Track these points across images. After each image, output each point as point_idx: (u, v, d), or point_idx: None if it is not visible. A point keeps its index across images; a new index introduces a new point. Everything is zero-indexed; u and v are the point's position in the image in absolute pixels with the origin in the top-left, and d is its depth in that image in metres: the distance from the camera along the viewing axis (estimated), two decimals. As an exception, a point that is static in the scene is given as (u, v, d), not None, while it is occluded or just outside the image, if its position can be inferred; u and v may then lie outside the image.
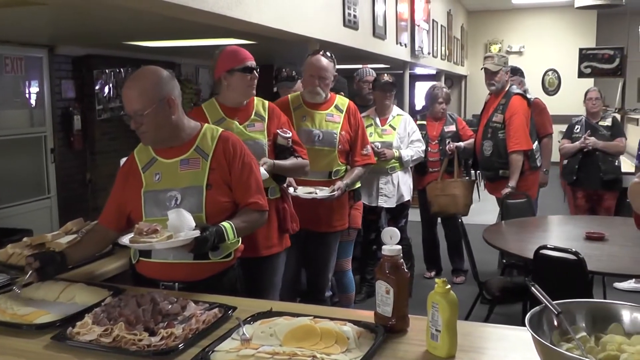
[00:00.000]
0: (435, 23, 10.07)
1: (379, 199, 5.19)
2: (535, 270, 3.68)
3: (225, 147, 2.59)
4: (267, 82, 11.34)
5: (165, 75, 2.52)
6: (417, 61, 8.65)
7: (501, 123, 5.41)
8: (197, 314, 2.05)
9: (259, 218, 2.65)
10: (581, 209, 6.14)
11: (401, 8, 7.64)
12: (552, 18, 14.17)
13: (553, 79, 14.34)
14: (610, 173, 5.90)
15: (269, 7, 4.39)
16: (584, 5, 8.94)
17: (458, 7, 13.18)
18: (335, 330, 1.86)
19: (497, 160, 5.45)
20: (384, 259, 1.94)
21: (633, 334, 1.71)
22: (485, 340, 1.97)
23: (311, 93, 3.84)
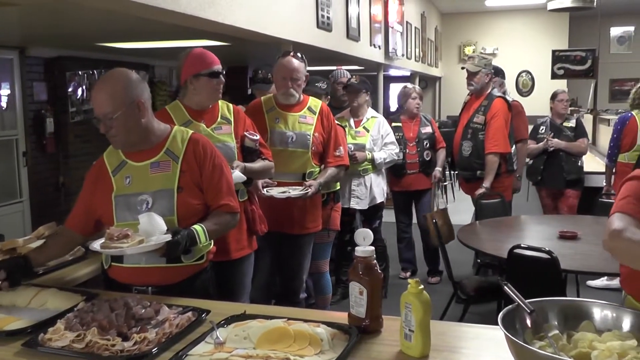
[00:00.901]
0: (409, 25, 10.11)
1: (351, 201, 5.20)
2: (509, 269, 3.72)
3: (195, 149, 2.58)
4: (241, 83, 11.38)
5: (134, 77, 2.49)
6: (391, 63, 8.68)
7: (482, 124, 5.46)
8: (171, 318, 2.04)
9: (230, 220, 2.64)
10: (548, 207, 6.27)
11: (375, 10, 7.65)
12: (525, 20, 14.31)
13: (527, 80, 14.47)
14: (573, 173, 6.06)
15: (242, 8, 4.38)
16: (557, 8, 9.04)
17: (432, 10, 13.25)
18: (308, 332, 1.86)
19: (476, 161, 5.50)
20: (357, 260, 1.95)
21: (604, 331, 1.74)
22: (459, 340, 1.98)
23: (285, 95, 3.83)
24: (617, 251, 1.98)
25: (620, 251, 1.97)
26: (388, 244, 5.78)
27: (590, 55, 10.65)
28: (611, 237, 1.96)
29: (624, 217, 1.99)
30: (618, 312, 1.80)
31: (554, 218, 5.42)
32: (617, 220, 1.99)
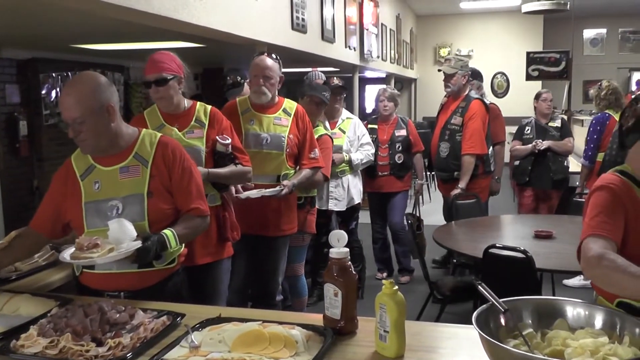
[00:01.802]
0: (384, 27, 10.14)
1: (329, 202, 5.20)
2: (484, 269, 3.74)
3: (164, 153, 2.56)
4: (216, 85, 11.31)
5: (103, 81, 2.46)
6: (366, 64, 8.70)
7: (459, 126, 5.50)
8: (146, 322, 2.03)
9: (201, 223, 2.63)
10: (527, 207, 6.30)
11: (350, 12, 7.67)
12: (500, 22, 14.43)
13: (502, 81, 14.58)
14: (560, 173, 6.09)
15: (215, 10, 4.37)
16: (531, 10, 9.14)
17: (407, 12, 13.30)
18: (283, 334, 1.86)
19: (453, 162, 5.54)
20: (332, 261, 1.96)
21: (577, 328, 1.77)
22: (434, 340, 1.99)
23: (256, 93, 3.81)
24: (598, 279, 1.97)
25: (601, 280, 1.96)
26: (364, 245, 5.79)
27: (564, 57, 10.76)
28: (590, 265, 1.95)
29: (599, 240, 1.98)
30: (590, 310, 1.83)
31: (530, 218, 5.46)
32: (592, 245, 1.97)
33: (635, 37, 15.60)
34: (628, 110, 2.20)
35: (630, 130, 2.16)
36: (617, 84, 5.86)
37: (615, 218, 2.03)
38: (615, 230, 2.01)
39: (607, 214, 2.04)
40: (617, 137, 2.29)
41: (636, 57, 15.53)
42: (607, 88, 5.79)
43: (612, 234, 2.00)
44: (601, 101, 5.77)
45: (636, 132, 2.14)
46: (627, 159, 2.22)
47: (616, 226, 2.02)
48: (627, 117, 2.19)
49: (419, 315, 4.60)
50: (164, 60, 3.17)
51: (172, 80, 3.16)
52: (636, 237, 2.04)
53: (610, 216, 2.03)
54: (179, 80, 3.22)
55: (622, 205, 2.06)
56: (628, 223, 2.05)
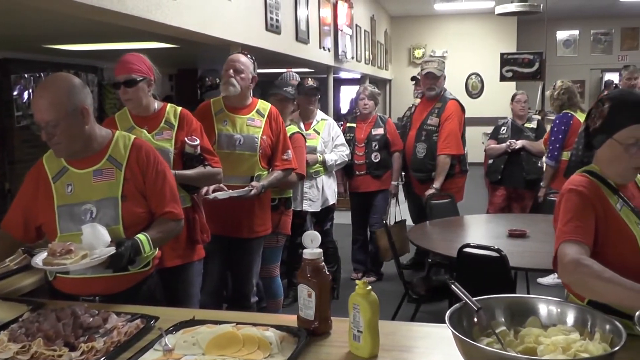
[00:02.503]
0: (359, 28, 10.16)
1: (303, 203, 5.20)
2: (459, 268, 3.76)
3: (138, 156, 2.53)
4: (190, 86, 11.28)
5: (77, 82, 2.42)
6: (340, 65, 8.71)
7: (436, 126, 5.55)
8: (119, 326, 2.01)
9: (175, 227, 2.61)
10: (497, 206, 6.36)
11: (324, 13, 7.67)
12: (474, 24, 14.53)
13: (476, 82, 14.69)
14: (532, 173, 6.16)
15: (189, 10, 4.35)
16: (504, 12, 9.22)
17: (381, 13, 13.34)
18: (257, 336, 1.86)
19: (430, 162, 5.57)
20: (305, 262, 1.96)
21: (549, 326, 1.79)
22: (408, 339, 2.00)
23: (225, 84, 3.78)
24: (575, 285, 1.98)
25: (577, 285, 1.97)
26: (342, 245, 5.80)
27: (537, 58, 10.86)
28: (566, 271, 1.96)
29: (573, 246, 1.99)
30: (562, 308, 1.85)
31: (504, 217, 5.51)
32: (568, 250, 1.98)
33: (607, 39, 15.82)
34: (594, 111, 2.22)
35: (598, 131, 2.19)
36: (570, 84, 5.96)
37: (587, 222, 2.06)
38: (588, 234, 2.04)
39: (578, 218, 2.06)
40: (582, 138, 2.30)
41: (608, 58, 15.76)
42: (559, 88, 5.88)
43: (586, 238, 2.02)
44: (555, 101, 5.87)
45: (603, 133, 2.16)
46: (594, 159, 2.24)
47: (589, 230, 2.05)
48: (594, 119, 2.21)
49: (394, 315, 4.62)
50: (133, 62, 3.15)
51: (141, 82, 3.14)
52: (605, 235, 2.07)
53: (582, 220, 2.05)
54: (149, 82, 3.19)
55: (592, 207, 2.09)
56: (597, 223, 2.08)
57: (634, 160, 2.11)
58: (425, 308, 4.59)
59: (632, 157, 2.10)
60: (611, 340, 1.65)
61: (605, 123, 2.16)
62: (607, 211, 2.10)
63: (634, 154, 2.10)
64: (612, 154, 2.13)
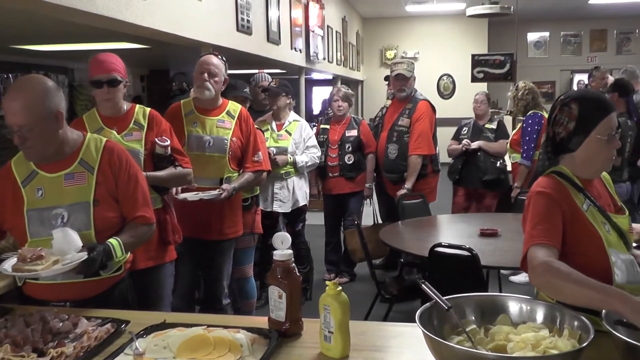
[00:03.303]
0: (330, 29, 10.17)
1: (274, 204, 5.20)
2: (430, 267, 3.78)
3: (110, 159, 2.49)
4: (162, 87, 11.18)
5: (52, 86, 2.37)
6: (312, 66, 8.71)
7: (407, 127, 5.57)
8: (89, 330, 1.99)
9: (147, 231, 2.58)
10: (459, 206, 6.42)
11: (295, 14, 7.66)
12: (446, 25, 14.62)
13: (448, 83, 14.78)
14: (490, 173, 6.17)
15: (160, 10, 4.31)
16: (475, 14, 9.29)
17: (353, 14, 13.37)
18: (228, 338, 1.86)
19: (402, 163, 5.60)
20: (276, 264, 1.95)
21: (519, 323, 1.81)
22: (380, 339, 2.00)
23: (200, 88, 3.76)
24: (544, 288, 1.99)
25: (547, 288, 1.97)
26: (315, 246, 5.80)
27: (508, 59, 10.97)
28: (536, 274, 1.97)
29: (542, 249, 2.01)
30: (532, 305, 1.87)
31: (475, 216, 5.55)
32: (537, 254, 1.99)
33: (577, 40, 16.05)
34: (560, 116, 2.23)
35: (574, 133, 2.20)
36: (532, 85, 6.05)
37: (554, 224, 2.08)
38: (556, 236, 2.05)
39: (546, 220, 2.08)
40: (548, 146, 2.31)
41: (577, 59, 15.99)
42: (523, 89, 5.97)
43: (554, 240, 2.04)
44: (519, 101, 5.94)
45: (580, 134, 2.18)
46: (564, 161, 2.26)
47: (556, 232, 2.07)
48: (564, 123, 2.22)
49: (366, 315, 4.63)
50: (114, 62, 3.13)
51: (121, 83, 3.13)
52: (572, 236, 2.09)
53: (550, 222, 2.07)
54: (125, 84, 3.18)
55: (559, 208, 2.11)
56: (565, 224, 2.10)
57: (611, 150, 2.17)
58: (398, 308, 4.60)
59: (610, 147, 2.15)
60: (579, 336, 1.68)
61: (579, 124, 2.18)
62: (574, 212, 2.12)
63: (612, 145, 2.15)
64: (593, 151, 2.16)
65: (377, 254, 5.42)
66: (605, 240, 2.10)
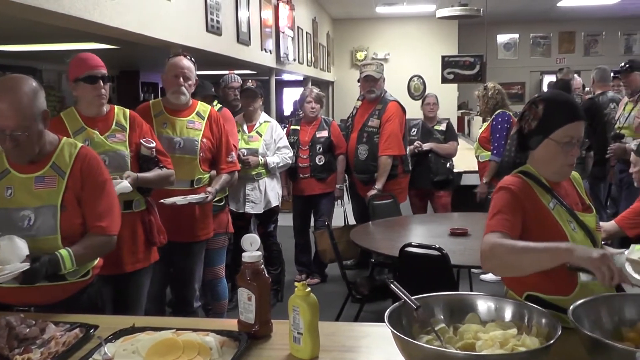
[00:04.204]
0: (300, 30, 10.15)
1: (246, 205, 5.18)
2: (401, 267, 3.80)
3: (82, 165, 2.46)
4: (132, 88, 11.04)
5: (37, 85, 2.34)
6: (282, 67, 8.68)
7: (377, 128, 5.59)
8: (57, 336, 1.97)
9: (104, 243, 2.50)
10: (418, 206, 6.53)
11: (265, 14, 7.63)
12: (416, 27, 14.66)
13: (418, 84, 14.82)
14: (441, 174, 6.30)
15: (129, 11, 4.27)
16: (445, 15, 9.35)
17: (323, 15, 13.37)
18: (197, 341, 1.85)
19: (372, 163, 5.61)
20: (245, 265, 1.95)
21: (488, 321, 1.83)
22: (349, 339, 2.01)
23: (175, 93, 3.75)
24: (496, 269, 2.02)
25: (499, 268, 2.02)
26: (287, 247, 5.79)
27: (478, 60, 11.07)
28: (485, 258, 2.00)
29: (495, 234, 2.03)
30: (500, 303, 1.89)
31: (445, 216, 5.60)
32: (488, 239, 2.02)
33: (546, 42, 16.23)
34: (527, 113, 2.27)
35: (534, 133, 2.24)
36: (500, 87, 6.19)
37: (513, 216, 2.10)
38: (513, 227, 2.07)
39: (505, 212, 2.10)
40: (515, 140, 2.35)
41: (547, 60, 16.17)
42: (492, 89, 6.10)
43: (510, 230, 2.05)
44: (489, 100, 6.05)
45: (540, 134, 2.22)
46: (530, 159, 2.29)
47: (515, 224, 2.09)
48: (529, 120, 2.26)
49: (338, 315, 4.63)
50: (99, 59, 3.11)
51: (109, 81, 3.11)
52: (537, 235, 2.11)
53: (509, 214, 2.10)
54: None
55: (521, 206, 2.13)
56: (529, 224, 2.12)
57: (570, 158, 2.18)
58: (370, 308, 4.61)
59: (568, 154, 2.17)
60: (547, 333, 1.70)
61: (540, 124, 2.21)
62: (539, 210, 2.15)
63: (570, 152, 2.17)
64: (549, 153, 2.19)
65: (348, 255, 5.43)
66: (570, 238, 2.13)
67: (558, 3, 12.27)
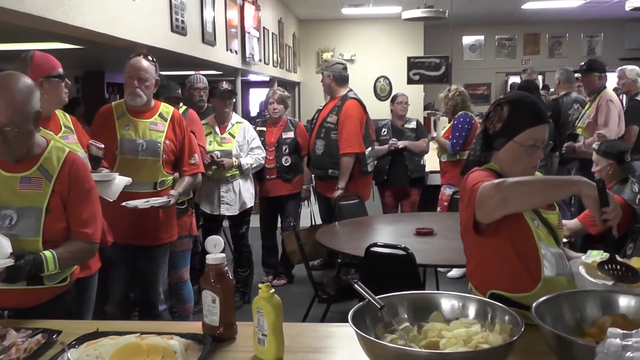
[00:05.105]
0: (266, 31, 10.12)
1: (221, 207, 5.16)
2: (367, 267, 3.81)
3: (70, 170, 2.43)
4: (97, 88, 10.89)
5: (33, 84, 2.33)
6: (248, 68, 8.65)
7: (334, 124, 5.58)
8: (18, 342, 1.93)
9: (87, 250, 2.51)
10: (390, 206, 6.60)
11: (231, 15, 7.60)
12: (382, 28, 14.71)
13: (385, 85, 14.88)
14: (416, 171, 6.46)
15: (92, 10, 4.21)
16: (411, 17, 9.41)
17: (289, 16, 13.35)
18: (161, 345, 1.83)
19: (328, 160, 5.59)
20: (209, 268, 1.94)
21: (452, 319, 1.84)
22: (314, 340, 2.01)
23: (131, 95, 3.70)
24: (508, 199, 1.98)
25: (510, 197, 1.98)
26: (255, 249, 5.77)
27: (444, 61, 11.17)
28: (497, 189, 1.98)
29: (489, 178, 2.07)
30: (464, 301, 1.91)
31: (411, 216, 5.64)
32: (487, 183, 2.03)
33: (511, 44, 16.43)
34: (492, 114, 2.30)
35: (499, 134, 2.26)
36: (463, 89, 6.30)
37: None
38: None
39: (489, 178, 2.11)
40: (481, 139, 2.38)
41: (512, 62, 16.35)
42: (454, 91, 6.22)
43: None
44: (449, 101, 6.16)
45: (504, 136, 2.24)
46: (494, 159, 2.32)
47: None
48: (494, 122, 2.28)
49: (304, 316, 4.63)
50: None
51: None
52: (508, 226, 2.14)
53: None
54: None
55: None
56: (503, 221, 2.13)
57: (533, 159, 2.22)
58: (336, 308, 4.61)
59: (532, 157, 2.20)
60: (511, 330, 1.71)
61: (505, 126, 2.24)
62: None
63: (533, 154, 2.20)
64: (513, 155, 2.22)
65: (316, 255, 5.43)
66: (535, 234, 2.16)
67: (523, 5, 12.43)
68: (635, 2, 8.63)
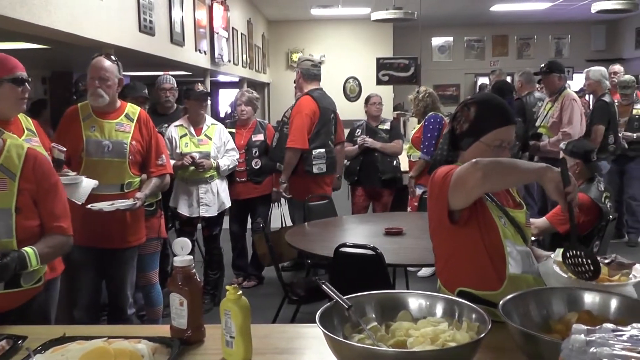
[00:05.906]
0: (235, 31, 10.09)
1: (200, 209, 5.13)
2: (336, 267, 3.81)
3: (34, 166, 2.39)
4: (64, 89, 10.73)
5: None
6: (217, 69, 8.61)
7: (288, 118, 5.57)
8: (-19, 349, 1.89)
9: (64, 243, 2.48)
10: (360, 206, 6.60)
11: (199, 15, 7.56)
12: (351, 29, 14.77)
13: (354, 86, 14.94)
14: (388, 172, 6.43)
15: (58, 9, 4.16)
16: (380, 18, 9.45)
17: (258, 16, 13.33)
18: (129, 349, 1.81)
19: (279, 154, 5.58)
20: (176, 270, 1.92)
21: (420, 318, 1.85)
22: (282, 341, 2.01)
23: (93, 95, 3.64)
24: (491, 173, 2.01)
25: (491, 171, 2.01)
26: (225, 251, 5.74)
27: (413, 62, 11.23)
28: (476, 167, 2.00)
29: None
30: (432, 300, 1.92)
31: (381, 216, 5.66)
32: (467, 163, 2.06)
33: (479, 45, 16.61)
34: (460, 114, 2.32)
35: (465, 134, 2.28)
36: (432, 90, 6.35)
37: None
38: None
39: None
40: (448, 139, 2.40)
41: (481, 63, 16.53)
42: (424, 92, 6.25)
43: None
44: (420, 102, 6.17)
45: (471, 136, 2.27)
46: (460, 159, 2.34)
47: None
48: (461, 122, 2.30)
49: (274, 317, 4.62)
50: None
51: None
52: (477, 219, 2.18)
53: None
54: None
55: None
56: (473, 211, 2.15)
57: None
58: (306, 309, 4.60)
59: (498, 157, 2.22)
60: (478, 328, 1.73)
61: (472, 127, 2.26)
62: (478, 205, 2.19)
63: (500, 155, 2.22)
64: (480, 155, 2.23)
65: (287, 257, 5.41)
66: (501, 232, 2.18)
67: (491, 7, 12.56)
68: (601, 5, 8.82)
